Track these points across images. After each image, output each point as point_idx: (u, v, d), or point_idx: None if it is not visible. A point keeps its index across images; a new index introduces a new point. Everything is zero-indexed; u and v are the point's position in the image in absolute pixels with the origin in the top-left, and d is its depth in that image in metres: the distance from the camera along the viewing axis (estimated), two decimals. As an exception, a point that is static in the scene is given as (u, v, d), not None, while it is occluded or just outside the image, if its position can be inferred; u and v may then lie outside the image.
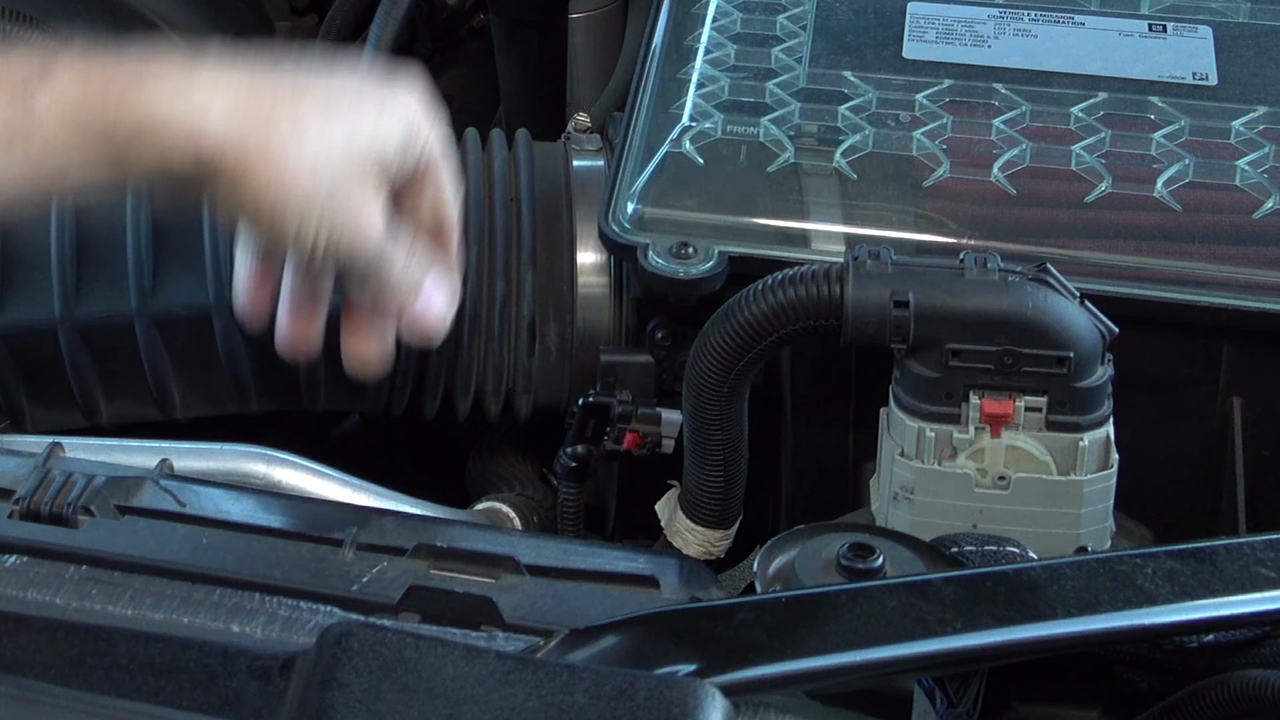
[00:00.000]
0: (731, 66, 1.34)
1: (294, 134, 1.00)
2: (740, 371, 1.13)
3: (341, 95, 1.04)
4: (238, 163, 0.99)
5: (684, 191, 1.26)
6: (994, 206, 1.24)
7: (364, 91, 1.05)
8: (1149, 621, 0.94)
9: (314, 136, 1.00)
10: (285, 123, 0.99)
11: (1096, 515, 1.11)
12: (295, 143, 1.00)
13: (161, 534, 1.05)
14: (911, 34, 1.37)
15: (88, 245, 1.30)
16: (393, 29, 1.81)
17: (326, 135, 1.01)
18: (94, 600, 0.97)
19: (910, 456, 1.10)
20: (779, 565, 1.03)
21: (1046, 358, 1.08)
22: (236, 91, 0.99)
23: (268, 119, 0.99)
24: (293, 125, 1.00)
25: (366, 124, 1.04)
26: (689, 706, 0.82)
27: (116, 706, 0.86)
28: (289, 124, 0.99)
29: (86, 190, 1.00)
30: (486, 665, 0.85)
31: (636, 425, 1.25)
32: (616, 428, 1.25)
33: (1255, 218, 1.22)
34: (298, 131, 1.00)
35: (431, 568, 1.02)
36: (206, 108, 0.98)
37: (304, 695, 0.83)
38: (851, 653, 0.90)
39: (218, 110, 0.98)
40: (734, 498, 1.21)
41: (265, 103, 1.00)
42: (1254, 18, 1.40)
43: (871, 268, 1.09)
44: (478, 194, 1.32)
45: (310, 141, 1.00)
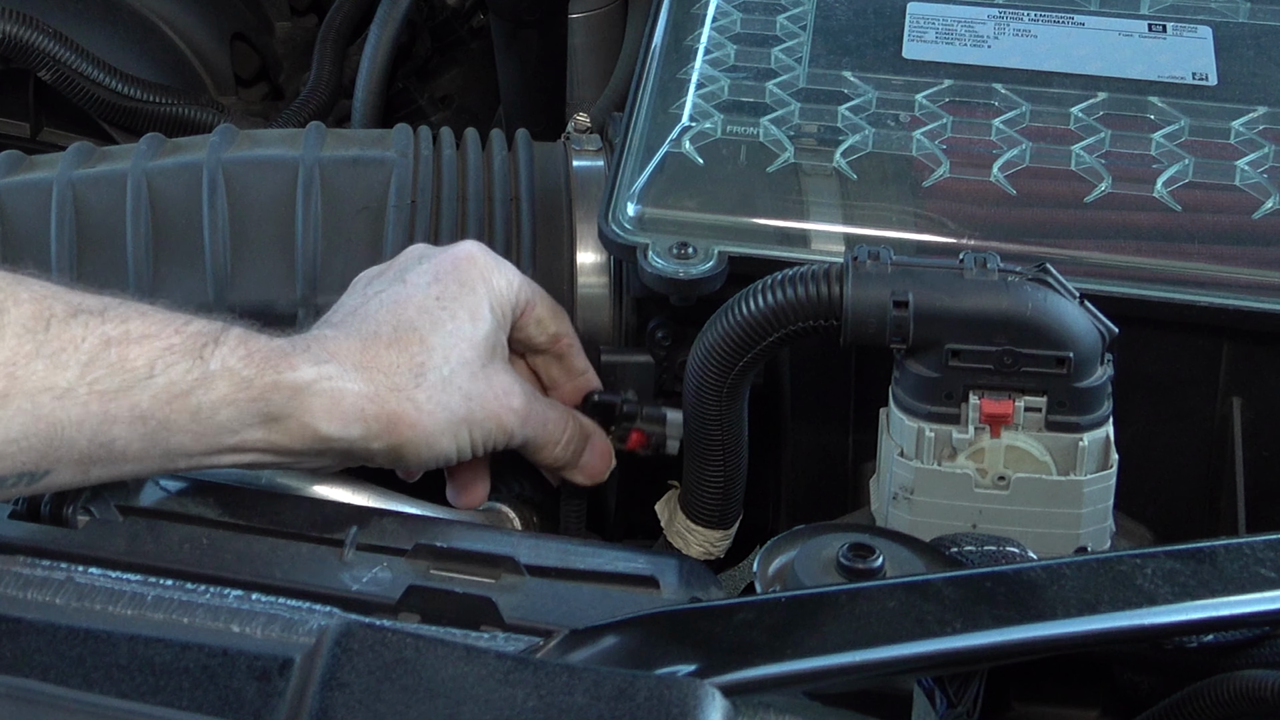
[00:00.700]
0: (731, 67, 1.34)
1: (419, 386, 1.11)
2: (740, 371, 1.13)
3: (433, 314, 1.14)
4: (383, 433, 1.09)
5: (684, 192, 1.26)
6: (994, 206, 1.24)
7: (445, 296, 1.15)
8: (1149, 621, 0.94)
9: (433, 378, 1.12)
10: (407, 380, 1.11)
11: (1096, 515, 1.11)
12: (424, 393, 1.11)
13: (161, 534, 1.05)
14: (911, 34, 1.37)
15: (88, 245, 1.30)
16: (393, 29, 1.81)
17: (441, 366, 1.12)
18: (94, 600, 0.97)
19: (910, 456, 1.10)
20: (779, 565, 1.03)
21: (1046, 358, 1.08)
22: (356, 365, 1.09)
23: (394, 385, 1.10)
24: (415, 376, 1.11)
25: (464, 324, 1.15)
26: (689, 706, 0.82)
27: (116, 706, 0.86)
28: (411, 378, 1.11)
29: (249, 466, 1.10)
30: (486, 665, 0.85)
31: (642, 425, 1.25)
32: (621, 426, 1.25)
33: (1255, 218, 1.22)
34: (421, 381, 1.11)
35: (431, 568, 1.03)
36: (343, 389, 1.08)
37: (304, 695, 0.83)
38: (851, 653, 0.90)
39: (352, 390, 1.08)
40: (734, 498, 1.21)
41: (385, 366, 1.10)
42: (1254, 18, 1.40)
43: (871, 268, 1.09)
44: (478, 194, 1.33)
45: (432, 382, 1.12)
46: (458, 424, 1.13)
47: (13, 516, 1.05)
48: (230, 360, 1.05)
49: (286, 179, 1.32)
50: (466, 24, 2.05)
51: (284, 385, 1.06)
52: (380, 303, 1.15)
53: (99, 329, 1.02)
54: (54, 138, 1.85)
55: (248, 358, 1.05)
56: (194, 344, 1.04)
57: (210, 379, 1.04)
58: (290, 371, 1.06)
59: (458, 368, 1.13)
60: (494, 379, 1.16)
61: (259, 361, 1.05)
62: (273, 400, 1.06)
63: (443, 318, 1.14)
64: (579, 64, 1.85)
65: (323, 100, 1.86)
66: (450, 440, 1.12)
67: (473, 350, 1.14)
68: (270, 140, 1.37)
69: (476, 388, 1.14)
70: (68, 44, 1.76)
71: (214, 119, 1.80)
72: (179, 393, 1.03)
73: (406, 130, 1.38)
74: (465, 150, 1.36)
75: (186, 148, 1.36)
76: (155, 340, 1.03)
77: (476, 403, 1.14)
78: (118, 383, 1.02)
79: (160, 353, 1.03)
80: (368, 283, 1.19)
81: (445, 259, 1.17)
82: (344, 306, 1.17)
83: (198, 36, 1.92)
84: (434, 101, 2.01)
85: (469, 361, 1.14)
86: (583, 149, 1.37)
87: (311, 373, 1.07)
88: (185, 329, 1.05)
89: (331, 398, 1.07)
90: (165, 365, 1.03)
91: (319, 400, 1.07)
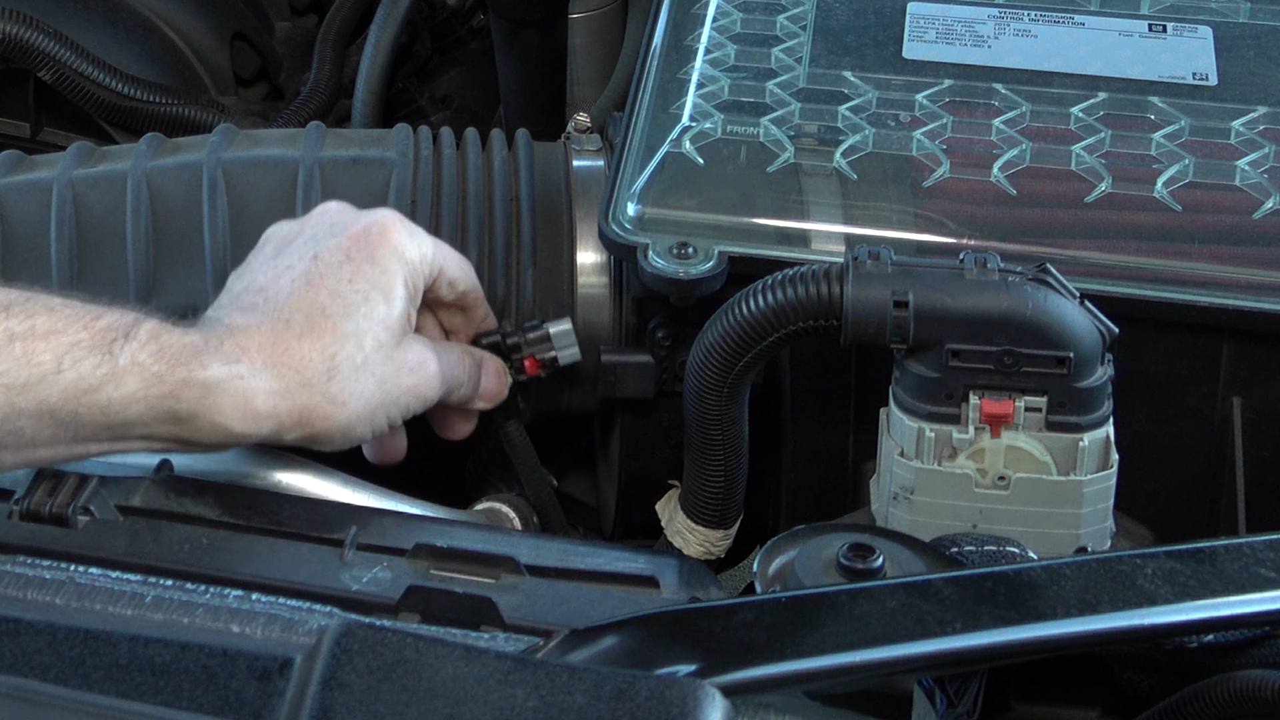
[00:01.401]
0: (731, 66, 1.34)
1: (331, 379, 1.10)
2: (740, 371, 1.13)
3: (345, 298, 1.12)
4: (296, 426, 1.09)
5: (684, 191, 1.26)
6: (994, 206, 1.24)
7: (358, 277, 1.13)
8: (1149, 621, 0.94)
9: (345, 369, 1.10)
10: (318, 374, 1.09)
11: (1096, 515, 1.11)
12: (336, 385, 1.10)
13: (161, 534, 1.05)
14: (911, 34, 1.37)
15: (88, 245, 1.30)
16: (393, 29, 1.81)
17: (353, 355, 1.11)
18: (94, 600, 0.97)
19: (910, 456, 1.10)
20: (779, 565, 1.03)
21: (1046, 358, 1.08)
22: (267, 359, 1.08)
23: (305, 380, 1.09)
24: (326, 370, 1.09)
25: (377, 306, 1.13)
26: (689, 706, 0.82)
27: (116, 707, 0.86)
28: (322, 373, 1.09)
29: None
30: (486, 665, 0.85)
31: (528, 350, 1.25)
32: (513, 359, 1.25)
33: (1255, 218, 1.22)
34: (333, 374, 1.10)
35: (431, 568, 1.02)
36: (254, 387, 1.07)
37: (304, 695, 0.83)
38: (851, 653, 0.90)
39: (263, 387, 1.07)
40: (734, 498, 1.21)
41: (296, 361, 1.09)
42: (1254, 18, 1.40)
43: (871, 268, 1.09)
44: (478, 194, 1.33)
45: (344, 374, 1.10)
46: (374, 410, 1.12)
47: (12, 516, 1.05)
48: (140, 355, 1.04)
49: (286, 179, 1.32)
50: (466, 24, 2.05)
51: (194, 383, 1.05)
52: (291, 282, 1.13)
53: (2, 324, 1.02)
54: (54, 138, 1.85)
55: (159, 354, 1.05)
56: (103, 339, 1.04)
57: (119, 375, 1.03)
58: (201, 370, 1.05)
59: (371, 353, 1.12)
60: (408, 355, 1.14)
61: (170, 358, 1.05)
62: (183, 398, 1.05)
63: (355, 301, 1.12)
64: (579, 64, 1.85)
65: (323, 100, 1.86)
66: (366, 426, 1.12)
67: (386, 332, 1.13)
68: (270, 140, 1.37)
69: (390, 369, 1.13)
70: (68, 44, 1.76)
71: (214, 119, 1.80)
72: (87, 388, 1.03)
73: (406, 130, 1.38)
74: (465, 150, 1.36)
75: (186, 148, 1.36)
76: (62, 335, 1.03)
77: (391, 384, 1.13)
78: (24, 377, 1.02)
79: (68, 348, 1.03)
80: (277, 251, 1.17)
81: (358, 232, 1.15)
82: (253, 280, 1.15)
83: (198, 36, 1.91)
84: (434, 101, 2.01)
85: (383, 344, 1.12)
86: (583, 149, 1.37)
87: (222, 371, 1.06)
88: (95, 324, 1.04)
89: (243, 396, 1.06)
90: (73, 361, 1.03)
91: (229, 399, 1.06)
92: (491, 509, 1.28)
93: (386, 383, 1.12)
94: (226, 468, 1.19)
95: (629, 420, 1.31)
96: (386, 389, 1.12)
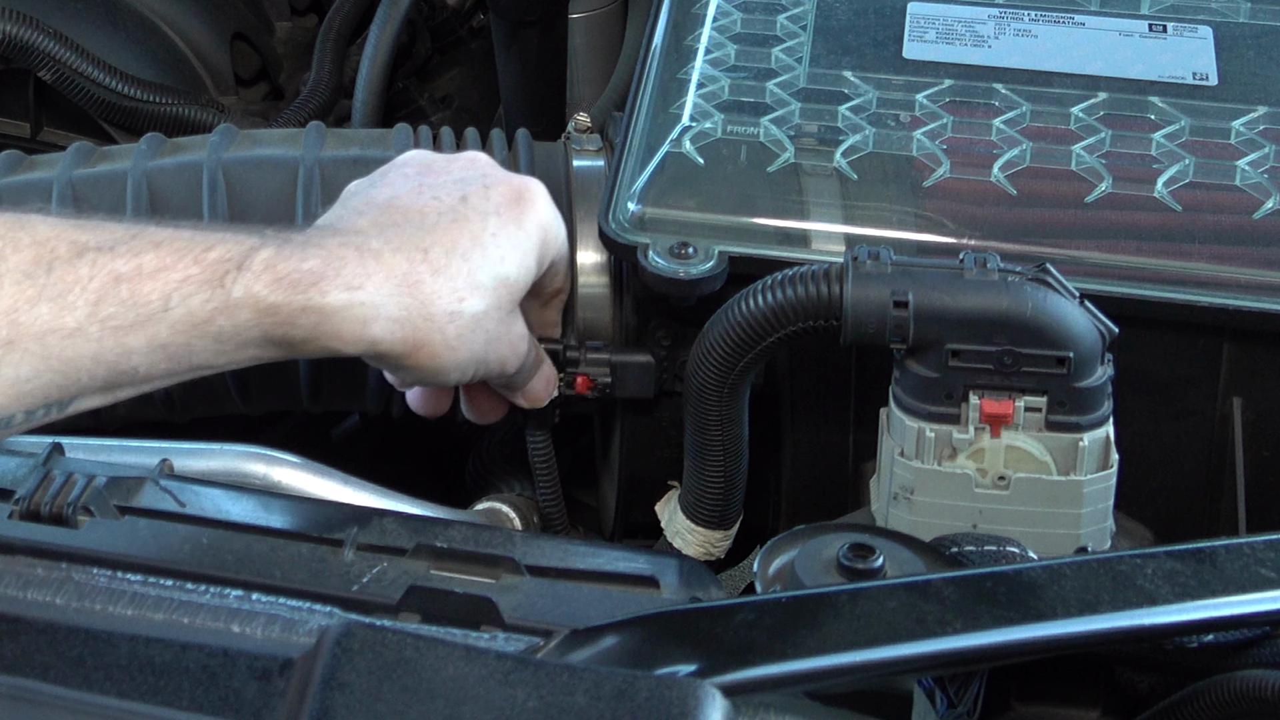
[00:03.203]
0: (732, 66, 1.34)
1: (452, 321, 1.10)
2: (740, 371, 1.13)
3: (486, 249, 1.12)
4: (404, 356, 1.09)
5: (684, 191, 1.26)
6: (994, 206, 1.24)
7: (501, 234, 1.14)
8: (1149, 621, 0.94)
9: (468, 316, 1.11)
10: (442, 313, 1.09)
11: (1096, 515, 1.11)
12: (454, 328, 1.10)
13: (161, 534, 1.05)
14: (912, 34, 1.37)
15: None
16: (393, 29, 1.81)
17: (479, 306, 1.11)
18: (94, 600, 0.97)
19: (910, 456, 1.10)
20: (779, 565, 1.03)
21: (1046, 358, 1.08)
22: (397, 286, 1.08)
23: (428, 315, 1.09)
24: (450, 312, 1.10)
25: (510, 268, 1.13)
26: (689, 707, 0.82)
27: (116, 707, 0.86)
28: (446, 313, 1.10)
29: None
30: (487, 666, 0.85)
31: (584, 368, 1.25)
32: (567, 372, 1.25)
33: (1255, 218, 1.22)
34: (455, 317, 1.10)
35: (431, 568, 1.02)
36: (374, 314, 1.07)
37: (304, 695, 0.83)
38: (851, 653, 0.90)
39: (384, 314, 1.07)
40: (734, 498, 1.21)
41: (424, 294, 1.09)
42: (1254, 18, 1.40)
43: (871, 268, 1.09)
44: (478, 194, 1.32)
45: (464, 321, 1.11)
46: (474, 362, 1.13)
47: (13, 516, 1.05)
48: (255, 286, 1.03)
49: (287, 179, 1.32)
50: (466, 24, 2.05)
51: (312, 309, 1.05)
52: (438, 214, 1.12)
53: (107, 266, 1.01)
54: (54, 138, 1.85)
55: (275, 283, 1.04)
56: (215, 273, 1.03)
57: (233, 307, 1.03)
58: (319, 297, 1.05)
59: (492, 309, 1.12)
60: (514, 325, 1.16)
61: (287, 287, 1.04)
62: (299, 324, 1.05)
63: (494, 255, 1.12)
64: (579, 64, 1.85)
65: (323, 100, 1.86)
66: (459, 374, 1.13)
67: (509, 296, 1.14)
68: (270, 140, 1.37)
69: (499, 331, 1.14)
70: (68, 44, 1.76)
71: (214, 119, 1.80)
72: (199, 321, 1.02)
73: (407, 130, 1.38)
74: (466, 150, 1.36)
75: (186, 148, 1.36)
76: (171, 273, 1.02)
77: (494, 346, 1.13)
78: (131, 318, 1.01)
79: (177, 284, 1.02)
80: (421, 174, 1.17)
81: (509, 191, 1.16)
82: (396, 194, 1.14)
83: (198, 36, 1.91)
84: (434, 101, 2.01)
85: (502, 305, 1.13)
86: (583, 149, 1.37)
87: (342, 298, 1.05)
88: (205, 256, 1.03)
89: (361, 322, 1.06)
90: (182, 297, 1.02)
91: (346, 325, 1.06)
92: (491, 509, 1.28)
93: (492, 344, 1.13)
94: (227, 467, 1.20)
95: (629, 420, 1.31)
96: (490, 350, 1.13)
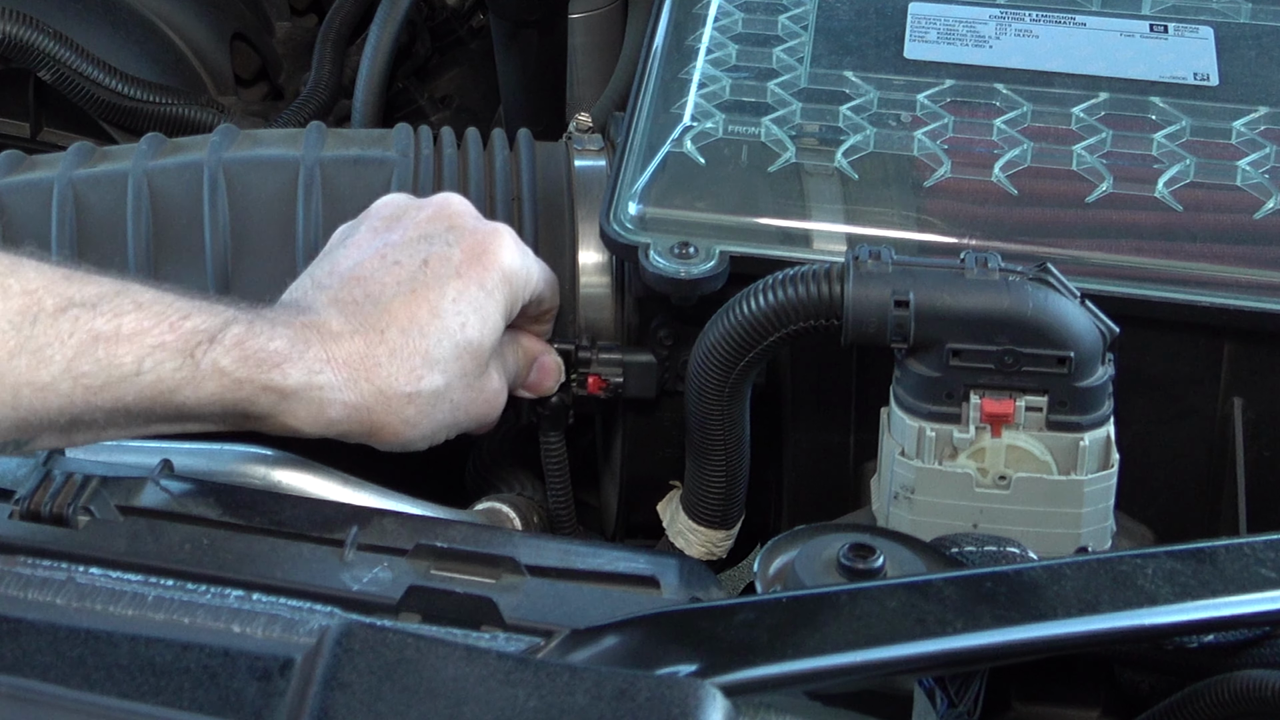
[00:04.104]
0: (733, 66, 1.34)
1: (411, 402, 1.10)
2: (741, 371, 1.13)
3: (445, 319, 1.12)
4: (364, 436, 1.11)
5: (685, 191, 1.26)
6: (995, 206, 1.24)
7: (462, 299, 1.13)
8: (1149, 621, 0.94)
9: (427, 394, 1.11)
10: (399, 395, 1.10)
11: (1097, 515, 1.11)
12: (413, 409, 1.11)
13: (161, 534, 1.05)
14: (913, 34, 1.37)
15: (88, 245, 1.30)
16: (393, 29, 1.81)
17: (438, 382, 1.11)
18: (94, 600, 0.97)
19: (911, 456, 1.10)
20: (779, 565, 1.03)
21: (1047, 357, 1.08)
22: (354, 371, 1.09)
23: (385, 398, 1.09)
24: (408, 394, 1.10)
25: (472, 332, 1.13)
26: (689, 707, 0.82)
27: (116, 707, 0.86)
28: (403, 395, 1.10)
29: None
30: (487, 665, 0.85)
31: (596, 368, 1.25)
32: (579, 372, 1.25)
33: (1256, 218, 1.22)
34: (414, 398, 1.10)
35: (431, 568, 1.02)
36: (331, 398, 1.08)
37: (305, 695, 0.83)
38: (851, 653, 0.90)
39: (341, 399, 1.08)
40: (736, 498, 1.21)
41: (381, 379, 1.09)
42: (1255, 18, 1.40)
43: (872, 267, 1.09)
44: (479, 194, 1.32)
45: (424, 400, 1.11)
46: (443, 429, 1.14)
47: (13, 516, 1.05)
48: (223, 361, 1.05)
49: (287, 179, 1.32)
50: (466, 24, 2.05)
51: (273, 389, 1.06)
52: (396, 283, 1.12)
53: (89, 324, 1.03)
54: (54, 138, 1.85)
55: (242, 360, 1.05)
56: (187, 343, 1.05)
57: (199, 379, 1.05)
58: (281, 378, 1.06)
59: (455, 380, 1.13)
60: (486, 385, 1.16)
61: (253, 365, 1.06)
62: (259, 402, 1.06)
63: (453, 325, 1.12)
64: (579, 64, 1.85)
65: (323, 100, 1.86)
66: (428, 443, 1.14)
67: (474, 361, 1.14)
68: (271, 140, 1.37)
69: (467, 397, 1.14)
70: (68, 44, 1.76)
71: (214, 119, 1.80)
72: (165, 390, 1.04)
73: (407, 130, 1.38)
74: (466, 150, 1.36)
75: (187, 148, 1.36)
76: (146, 337, 1.04)
77: (463, 411, 1.14)
78: (103, 379, 1.03)
79: (150, 350, 1.04)
80: (387, 228, 1.16)
81: (472, 248, 1.15)
82: (360, 261, 1.14)
83: (198, 36, 1.91)
84: (434, 101, 2.01)
85: (467, 372, 1.13)
86: (584, 149, 1.37)
87: (303, 381, 1.07)
88: (181, 325, 1.05)
89: (318, 405, 1.08)
90: (154, 363, 1.03)
91: (304, 406, 1.08)
92: (491, 509, 1.28)
93: (459, 409, 1.14)
94: (227, 467, 1.19)
95: (631, 420, 1.31)
96: (457, 415, 1.14)
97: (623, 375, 1.26)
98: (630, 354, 1.27)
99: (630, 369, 1.27)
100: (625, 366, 1.27)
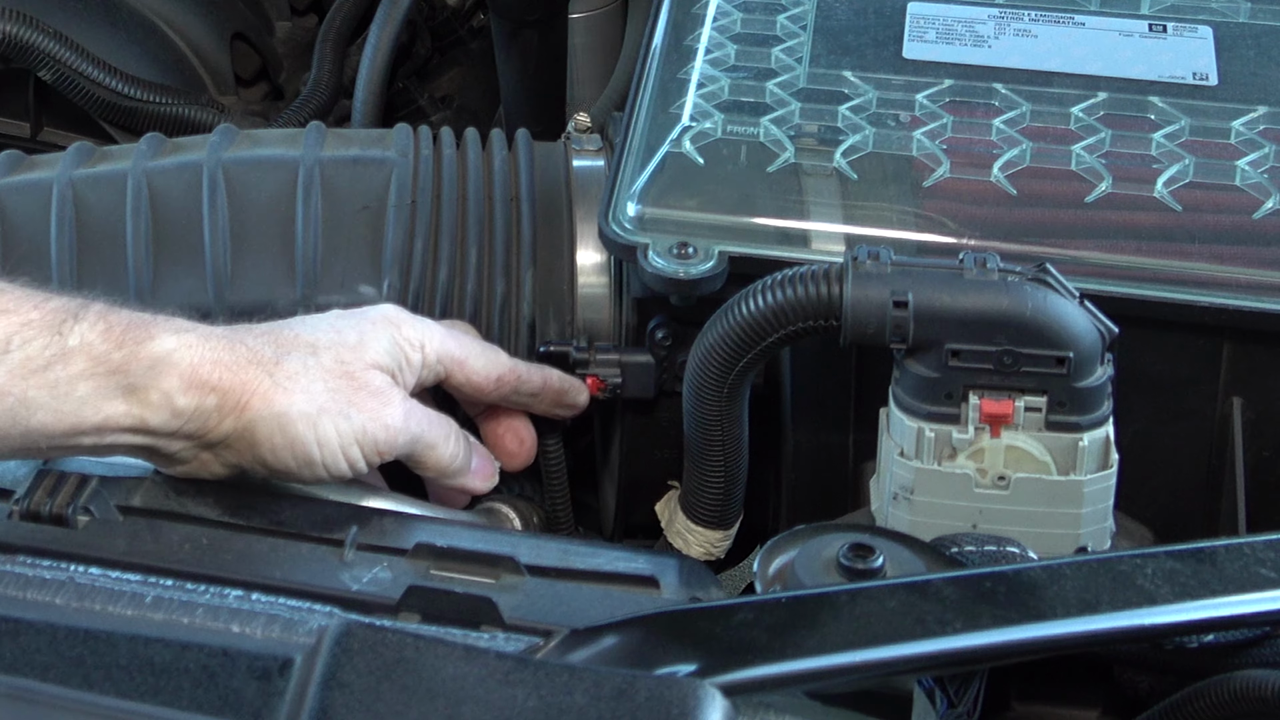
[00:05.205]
0: (732, 66, 1.34)
1: (280, 364, 1.09)
2: (740, 371, 1.13)
3: (316, 325, 1.14)
4: (235, 407, 1.07)
5: (684, 191, 1.26)
6: (994, 206, 1.24)
7: (342, 318, 1.16)
8: (1149, 621, 0.94)
9: (296, 362, 1.10)
10: (268, 354, 1.09)
11: (1096, 515, 1.11)
12: (284, 372, 1.09)
13: (161, 534, 1.05)
14: (912, 34, 1.37)
15: (88, 245, 1.30)
16: (393, 29, 1.81)
17: (309, 356, 1.11)
18: (94, 600, 0.97)
19: (910, 456, 1.10)
20: (779, 565, 1.03)
21: (1046, 358, 1.08)
22: (223, 333, 1.09)
23: (253, 358, 1.08)
24: (276, 358, 1.09)
25: (349, 338, 1.13)
26: (689, 706, 0.82)
27: (116, 706, 0.86)
28: (271, 356, 1.09)
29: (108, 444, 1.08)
30: (487, 665, 0.85)
31: (594, 369, 1.26)
32: (576, 373, 1.25)
33: (1255, 218, 1.22)
34: (284, 361, 1.09)
35: (431, 568, 1.02)
36: (204, 357, 1.07)
37: (304, 695, 0.83)
38: (851, 653, 0.90)
39: (213, 355, 1.07)
40: (734, 498, 1.21)
41: (249, 342, 1.09)
42: (1254, 18, 1.40)
43: (871, 268, 1.09)
44: (478, 194, 1.33)
45: (293, 366, 1.10)
46: (316, 412, 1.09)
47: (12, 516, 1.05)
48: (89, 335, 1.04)
49: (287, 179, 1.32)
50: (466, 24, 2.05)
51: (143, 355, 1.05)
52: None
53: None
54: (54, 138, 1.85)
55: (107, 331, 1.05)
56: (53, 320, 1.04)
57: (68, 354, 1.04)
58: (149, 341, 1.06)
59: (326, 360, 1.11)
60: (369, 377, 1.13)
61: (119, 334, 1.05)
62: (131, 371, 1.05)
63: (324, 328, 1.14)
64: (579, 64, 1.85)
65: (323, 100, 1.86)
66: (307, 427, 1.08)
67: (351, 354, 1.12)
68: (270, 140, 1.37)
69: (344, 384, 1.11)
70: (68, 44, 1.76)
71: (214, 119, 1.80)
72: (36, 368, 1.03)
73: (407, 130, 1.38)
74: (465, 150, 1.36)
75: (186, 148, 1.36)
76: (12, 316, 1.04)
77: (343, 396, 1.10)
78: None
79: (17, 328, 1.03)
80: None
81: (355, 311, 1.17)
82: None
83: (198, 36, 1.91)
84: (434, 101, 2.01)
85: (343, 361, 1.12)
86: (583, 149, 1.37)
87: (171, 341, 1.06)
88: (44, 305, 1.05)
89: (190, 365, 1.06)
90: (22, 341, 1.03)
91: (177, 369, 1.06)
92: (491, 509, 1.28)
93: (338, 393, 1.10)
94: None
95: (629, 420, 1.31)
96: (337, 399, 1.10)
97: (621, 376, 1.26)
98: (628, 354, 1.28)
99: (628, 370, 1.27)
100: (623, 367, 1.27)
